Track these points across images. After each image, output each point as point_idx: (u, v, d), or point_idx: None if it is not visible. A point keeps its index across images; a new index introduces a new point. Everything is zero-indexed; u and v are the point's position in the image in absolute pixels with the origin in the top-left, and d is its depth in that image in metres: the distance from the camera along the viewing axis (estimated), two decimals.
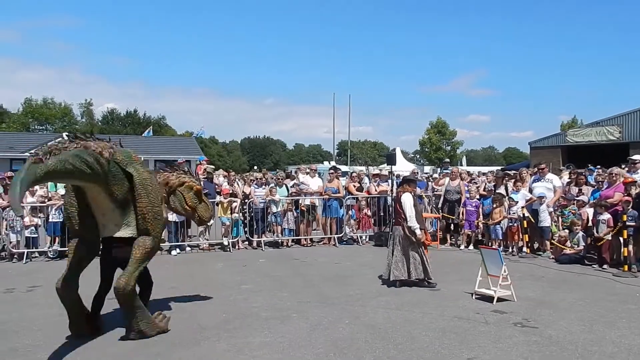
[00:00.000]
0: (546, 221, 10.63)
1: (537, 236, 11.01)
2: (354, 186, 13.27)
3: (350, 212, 12.85)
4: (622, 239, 9.03)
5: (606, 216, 9.40)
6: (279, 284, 8.16)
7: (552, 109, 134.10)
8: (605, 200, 9.63)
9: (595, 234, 9.56)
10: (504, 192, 11.52)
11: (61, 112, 63.22)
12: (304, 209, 12.39)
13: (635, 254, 9.03)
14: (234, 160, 79.12)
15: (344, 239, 12.70)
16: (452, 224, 12.36)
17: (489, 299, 6.88)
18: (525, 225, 10.64)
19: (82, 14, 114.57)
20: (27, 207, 10.72)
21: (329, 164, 36.62)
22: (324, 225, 12.85)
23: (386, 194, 12.70)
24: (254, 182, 12.98)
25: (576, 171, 13.31)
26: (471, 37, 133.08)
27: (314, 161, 66.94)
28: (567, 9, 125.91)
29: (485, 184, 12.83)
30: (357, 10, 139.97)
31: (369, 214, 12.86)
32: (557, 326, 5.83)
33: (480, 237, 11.95)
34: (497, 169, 20.25)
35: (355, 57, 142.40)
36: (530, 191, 11.11)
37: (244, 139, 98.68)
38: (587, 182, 11.59)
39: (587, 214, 10.13)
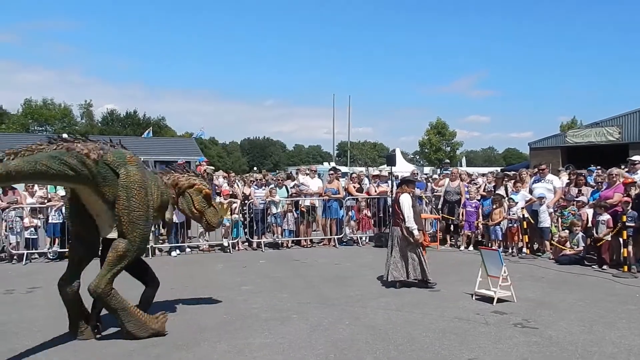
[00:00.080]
0: (546, 222, 10.63)
1: (537, 237, 11.01)
2: (354, 187, 13.28)
3: (350, 213, 12.85)
4: (621, 240, 9.04)
5: (606, 217, 9.40)
6: (279, 285, 8.16)
7: (551, 110, 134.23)
8: (604, 201, 9.64)
9: (594, 235, 9.57)
10: (504, 193, 11.53)
11: (61, 113, 63.23)
12: (303, 210, 12.40)
13: (634, 254, 9.03)
14: (233, 161, 79.12)
15: (343, 240, 12.69)
16: (452, 225, 12.36)
17: (489, 299, 6.88)
18: (525, 226, 10.65)
19: (82, 16, 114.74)
20: (27, 209, 10.73)
21: (329, 165, 36.65)
22: (323, 226, 12.85)
23: (386, 194, 12.71)
24: (254, 183, 12.99)
25: (576, 172, 13.31)
26: (471, 37, 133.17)
27: (314, 162, 66.97)
28: (567, 9, 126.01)
29: (485, 184, 12.84)
30: (357, 10, 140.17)
31: (369, 214, 12.86)
32: (557, 327, 5.83)
33: (480, 238, 11.96)
34: (496, 170, 20.26)
35: (355, 57, 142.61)
36: (530, 192, 11.11)
37: (243, 140, 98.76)
38: (587, 183, 11.59)
39: (586, 215, 10.13)
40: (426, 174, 22.65)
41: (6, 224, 10.54)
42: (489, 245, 11.00)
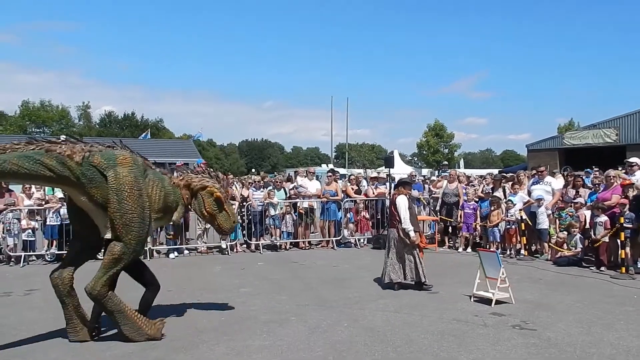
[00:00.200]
0: (544, 224, 10.64)
1: (535, 239, 11.03)
2: (352, 189, 13.29)
3: (348, 215, 12.85)
4: (619, 241, 9.06)
5: (603, 218, 9.42)
6: (277, 287, 8.15)
7: (549, 112, 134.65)
8: (602, 202, 9.66)
9: (592, 236, 9.59)
10: (502, 195, 11.55)
11: (58, 115, 63.18)
12: (302, 211, 12.40)
13: (632, 255, 9.06)
14: (231, 163, 79.09)
15: (342, 241, 12.69)
16: (450, 227, 12.37)
17: (487, 301, 6.89)
18: (522, 227, 10.67)
19: (82, 16, 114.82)
20: (25, 210, 10.70)
21: (327, 166, 36.69)
22: (322, 228, 12.85)
23: (384, 196, 12.71)
24: (252, 185, 12.98)
25: (573, 174, 13.34)
26: (471, 37, 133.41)
27: (312, 164, 67.00)
28: (567, 9, 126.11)
29: (483, 186, 12.85)
30: (357, 10, 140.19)
31: (367, 216, 12.87)
32: (556, 328, 5.84)
33: (478, 239, 11.98)
34: (492, 172, 20.26)
35: (354, 57, 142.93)
36: (529, 194, 11.14)
37: (242, 142, 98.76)
38: (585, 185, 11.61)
39: (584, 216, 10.16)
40: (424, 176, 22.72)
41: (3, 226, 10.51)
42: (487, 247, 11.00)
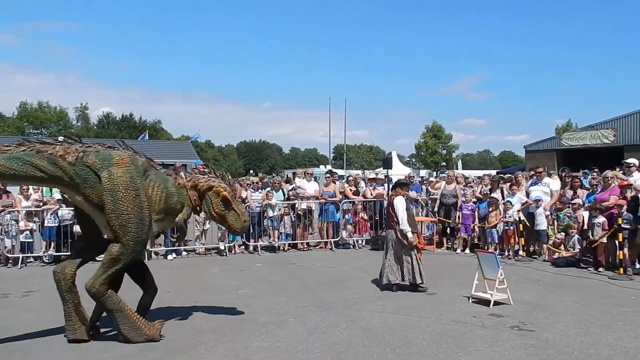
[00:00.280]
0: (543, 224, 10.65)
1: (533, 239, 11.04)
2: (350, 190, 13.30)
3: (346, 216, 12.86)
4: (617, 242, 9.08)
5: (601, 219, 9.44)
6: (275, 288, 8.15)
7: (547, 113, 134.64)
8: (600, 203, 9.67)
9: (590, 237, 9.60)
10: (500, 196, 11.56)
11: (56, 116, 63.02)
12: (300, 213, 12.40)
13: (630, 256, 9.08)
14: (230, 164, 78.99)
15: (340, 243, 12.69)
16: (449, 228, 12.38)
17: (485, 302, 6.90)
18: (521, 228, 10.68)
19: (82, 17, 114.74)
20: (22, 212, 10.68)
21: (325, 168, 36.70)
22: (320, 229, 12.85)
23: (382, 197, 12.72)
24: (250, 186, 12.97)
25: (571, 174, 13.36)
26: (471, 37, 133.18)
27: (310, 165, 66.97)
28: (567, 9, 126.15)
29: (481, 187, 12.86)
30: (356, 10, 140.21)
31: (365, 217, 12.88)
32: (554, 329, 5.85)
33: (476, 240, 11.98)
34: (490, 173, 20.26)
35: (352, 57, 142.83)
36: (527, 195, 11.15)
37: (240, 143, 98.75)
38: (582, 186, 11.64)
39: (582, 217, 10.17)
40: (422, 177, 22.71)
41: (1, 227, 10.49)
42: (486, 248, 11.02)
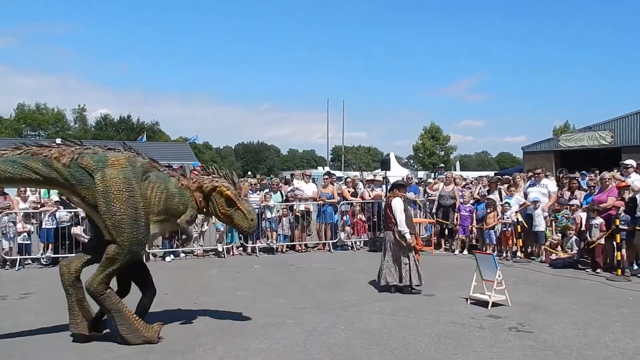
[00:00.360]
0: (541, 226, 10.68)
1: (531, 241, 11.06)
2: (349, 191, 13.30)
3: (344, 218, 12.86)
4: (615, 243, 9.09)
5: (599, 220, 9.46)
6: (273, 290, 8.15)
7: (545, 114, 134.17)
8: (597, 204, 9.69)
9: (588, 238, 9.62)
10: (498, 197, 11.58)
11: (54, 118, 62.98)
12: (298, 214, 12.40)
13: (628, 257, 9.10)
14: (228, 165, 78.85)
15: (338, 244, 12.70)
16: (447, 229, 12.39)
17: (483, 303, 6.90)
18: (519, 229, 10.70)
19: (82, 18, 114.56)
20: (20, 214, 10.66)
21: (323, 169, 36.72)
22: (318, 230, 12.85)
23: (380, 199, 12.73)
24: (249, 188, 12.95)
25: (568, 176, 13.38)
26: (471, 37, 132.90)
27: (308, 167, 66.92)
28: (567, 9, 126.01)
29: (479, 188, 12.88)
30: (356, 10, 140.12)
31: (364, 219, 12.88)
32: (552, 330, 5.86)
33: (474, 242, 11.99)
34: (488, 174, 20.30)
35: (351, 57, 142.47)
36: (525, 196, 11.17)
37: (237, 145, 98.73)
38: (580, 187, 11.66)
39: (580, 218, 10.19)
40: (420, 178, 22.76)
41: None
42: (484, 249, 11.03)
